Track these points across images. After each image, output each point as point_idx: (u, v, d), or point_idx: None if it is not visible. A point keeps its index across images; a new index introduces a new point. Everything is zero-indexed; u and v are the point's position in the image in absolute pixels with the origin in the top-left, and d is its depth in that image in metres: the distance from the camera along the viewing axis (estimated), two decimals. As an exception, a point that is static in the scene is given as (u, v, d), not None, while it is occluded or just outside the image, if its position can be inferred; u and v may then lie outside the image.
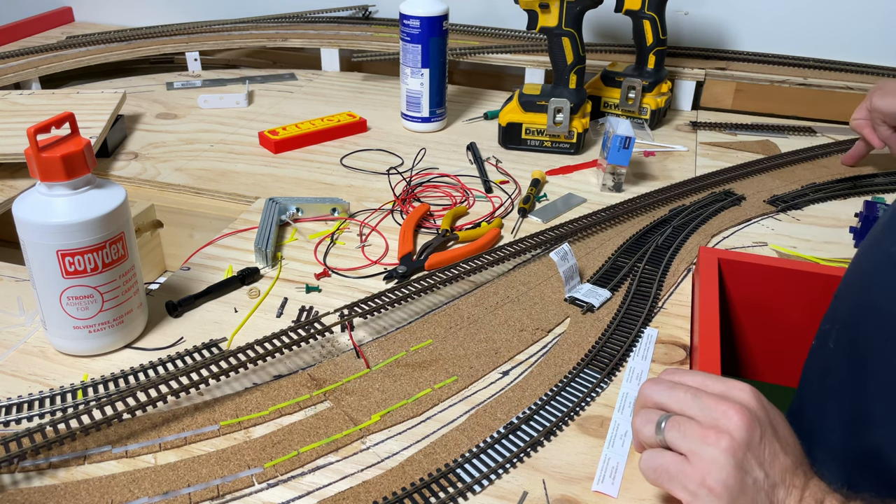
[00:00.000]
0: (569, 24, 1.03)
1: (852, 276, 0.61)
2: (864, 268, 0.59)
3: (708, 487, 0.43)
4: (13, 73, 1.26)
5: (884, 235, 0.57)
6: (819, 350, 0.63)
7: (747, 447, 0.43)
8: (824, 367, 0.61)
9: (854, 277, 0.61)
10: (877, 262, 0.56)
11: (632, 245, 0.84)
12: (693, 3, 1.37)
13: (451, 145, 1.13)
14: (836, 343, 0.59)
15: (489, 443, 0.56)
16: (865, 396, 0.54)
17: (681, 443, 0.45)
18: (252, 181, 0.98)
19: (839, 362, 0.58)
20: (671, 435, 0.45)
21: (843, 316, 0.59)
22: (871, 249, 0.59)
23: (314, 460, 0.55)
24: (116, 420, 0.56)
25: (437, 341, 0.68)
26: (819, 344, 0.63)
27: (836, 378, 0.59)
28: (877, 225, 0.60)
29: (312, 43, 1.44)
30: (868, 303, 0.55)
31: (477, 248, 0.82)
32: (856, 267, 0.61)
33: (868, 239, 0.61)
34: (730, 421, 0.44)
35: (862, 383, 0.55)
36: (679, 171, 1.05)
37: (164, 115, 1.21)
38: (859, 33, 1.32)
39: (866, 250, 0.60)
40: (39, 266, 0.59)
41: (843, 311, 0.60)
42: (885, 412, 0.52)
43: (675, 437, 0.45)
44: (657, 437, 0.46)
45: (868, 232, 0.62)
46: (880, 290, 0.54)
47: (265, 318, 0.71)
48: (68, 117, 0.59)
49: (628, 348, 0.67)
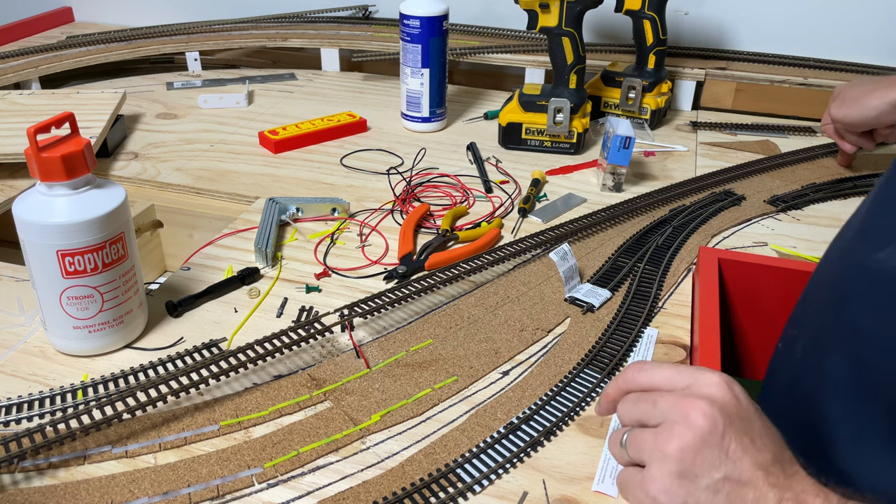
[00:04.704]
0: (569, 24, 1.03)
1: (821, 277, 0.58)
2: (835, 275, 0.55)
3: (651, 497, 0.41)
4: (13, 73, 1.26)
5: (857, 242, 0.53)
6: (786, 355, 0.60)
7: (700, 447, 0.41)
8: (791, 377, 0.58)
9: (822, 280, 0.57)
10: (851, 275, 0.52)
11: (632, 245, 0.84)
12: (693, 3, 1.37)
13: (451, 145, 1.13)
14: (804, 353, 0.56)
15: (489, 443, 0.56)
16: (830, 418, 0.51)
17: (637, 454, 0.44)
18: (252, 181, 0.98)
19: (808, 373, 0.55)
20: (631, 450, 0.44)
21: (814, 324, 0.56)
22: (843, 256, 0.55)
23: (314, 460, 0.55)
24: (116, 420, 0.56)
25: (437, 341, 0.68)
26: (786, 348, 0.60)
27: (802, 390, 0.56)
28: (847, 227, 0.56)
29: (312, 43, 1.44)
30: (845, 321, 0.52)
31: (477, 248, 0.82)
32: (826, 269, 0.58)
33: (839, 241, 0.57)
34: (685, 420, 0.41)
35: (828, 402, 0.52)
36: (679, 171, 1.05)
37: (164, 115, 1.21)
38: (860, 33, 1.31)
39: (838, 255, 0.56)
40: (39, 266, 0.59)
41: (813, 319, 0.57)
42: (851, 435, 0.49)
43: (634, 452, 0.44)
44: (624, 457, 0.45)
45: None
46: (858, 308, 0.50)
47: (265, 318, 0.71)
48: (68, 117, 0.59)
49: (628, 348, 0.67)
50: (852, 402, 0.49)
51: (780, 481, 0.40)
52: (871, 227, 0.53)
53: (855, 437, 0.49)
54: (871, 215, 0.53)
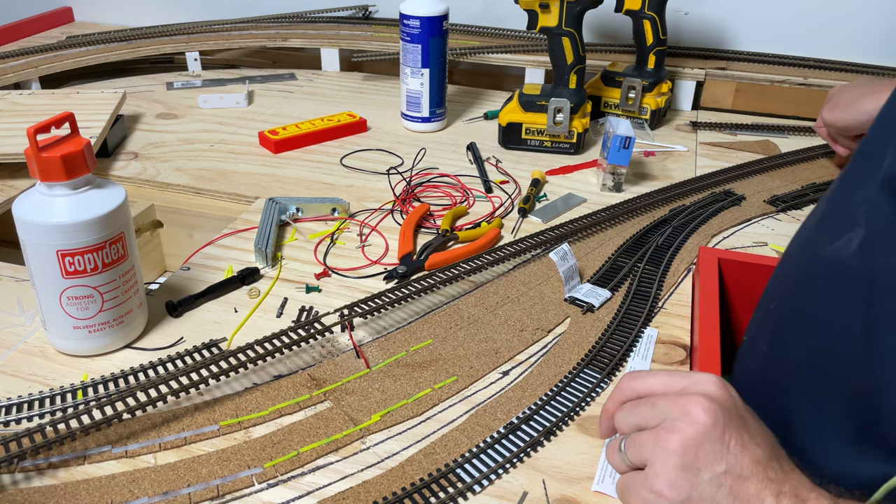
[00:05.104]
0: (569, 24, 1.03)
1: (782, 271, 0.58)
2: (796, 267, 0.55)
3: (655, 492, 0.41)
4: (13, 73, 1.26)
5: (815, 235, 0.54)
6: (751, 349, 0.60)
7: (703, 441, 0.41)
8: (756, 370, 0.58)
9: (784, 273, 0.57)
10: (809, 266, 0.53)
11: (632, 245, 0.84)
12: (693, 3, 1.37)
13: (451, 145, 1.13)
14: (768, 346, 0.56)
15: (489, 443, 0.56)
16: (792, 411, 0.51)
17: (638, 456, 0.44)
18: (252, 181, 0.98)
19: (772, 366, 0.56)
20: (630, 453, 0.44)
21: (776, 317, 0.56)
22: (802, 248, 0.55)
23: (314, 460, 0.55)
24: (116, 420, 0.56)
25: (437, 341, 0.68)
26: (751, 342, 0.60)
27: (767, 383, 0.56)
28: (807, 221, 0.56)
29: (312, 43, 1.44)
30: (805, 312, 0.52)
31: (477, 248, 0.82)
32: (787, 262, 0.58)
33: (799, 236, 0.57)
34: (686, 417, 0.42)
35: (790, 395, 0.52)
36: (679, 171, 1.05)
37: (164, 115, 1.21)
38: (860, 33, 1.31)
39: (798, 248, 0.56)
40: (39, 266, 0.59)
41: (775, 312, 0.57)
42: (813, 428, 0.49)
43: (633, 454, 0.44)
44: (625, 462, 0.45)
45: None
46: (817, 298, 0.51)
47: (265, 318, 0.71)
48: (68, 117, 0.59)
49: (628, 348, 0.67)
50: (813, 394, 0.50)
51: (778, 475, 0.41)
52: (827, 219, 0.53)
53: (816, 430, 0.49)
54: (828, 208, 0.54)
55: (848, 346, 0.46)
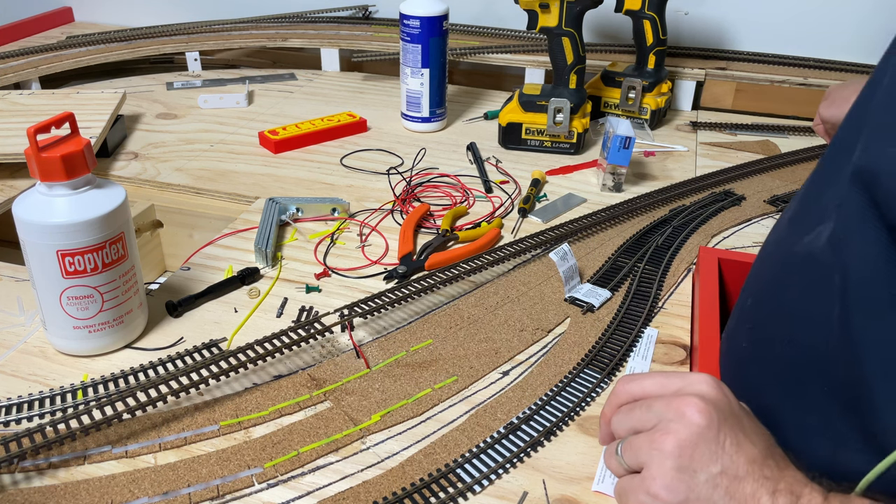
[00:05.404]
0: (569, 24, 1.03)
1: (758, 267, 0.58)
2: (771, 263, 0.55)
3: (652, 495, 0.41)
4: (13, 73, 1.26)
5: (788, 230, 0.54)
6: (731, 346, 0.60)
7: (698, 442, 0.41)
8: (737, 367, 0.58)
9: (759, 269, 0.57)
10: (783, 261, 0.53)
11: (632, 245, 0.84)
12: (693, 3, 1.37)
13: (451, 145, 1.13)
14: (748, 343, 0.56)
15: (489, 443, 0.56)
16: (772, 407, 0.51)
17: (634, 459, 0.44)
18: (252, 181, 0.98)
19: (751, 363, 0.55)
20: (627, 456, 0.44)
21: (754, 313, 0.56)
22: (776, 244, 0.55)
23: (314, 460, 0.55)
24: (116, 420, 0.56)
25: (437, 341, 0.68)
26: (729, 339, 0.60)
27: (746, 379, 0.56)
28: (782, 218, 0.57)
29: (312, 43, 1.44)
30: (781, 307, 0.52)
31: (477, 248, 0.82)
32: (763, 259, 0.58)
33: (773, 232, 0.57)
34: (681, 418, 0.42)
35: (770, 391, 0.52)
36: (679, 171, 1.05)
37: (164, 115, 1.21)
38: (860, 33, 1.31)
39: (773, 244, 0.56)
40: (39, 266, 0.59)
41: (752, 308, 0.57)
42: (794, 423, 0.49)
43: (630, 457, 0.44)
44: (622, 466, 0.45)
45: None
46: (791, 292, 0.51)
47: (265, 318, 0.71)
48: (68, 117, 0.59)
49: (628, 348, 0.67)
50: (794, 388, 0.50)
51: (773, 473, 0.41)
52: (799, 214, 0.53)
53: (798, 424, 0.49)
54: (799, 206, 0.54)
55: (825, 336, 0.46)
